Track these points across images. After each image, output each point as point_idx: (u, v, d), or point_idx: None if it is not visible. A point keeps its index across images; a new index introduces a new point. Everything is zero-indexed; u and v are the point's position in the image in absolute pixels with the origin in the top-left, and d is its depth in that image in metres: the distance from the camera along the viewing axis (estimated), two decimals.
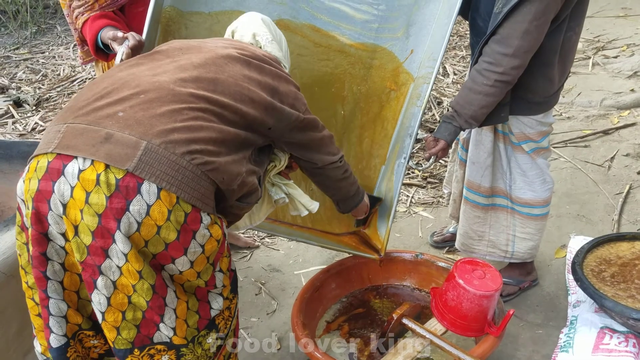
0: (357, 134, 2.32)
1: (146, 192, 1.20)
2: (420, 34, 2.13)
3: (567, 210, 3.05)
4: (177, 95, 1.29)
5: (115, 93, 1.28)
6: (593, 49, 5.18)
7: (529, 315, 2.35)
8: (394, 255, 2.30)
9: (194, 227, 1.26)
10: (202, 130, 1.28)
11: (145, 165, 1.19)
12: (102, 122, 1.23)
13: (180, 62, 1.39)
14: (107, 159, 1.19)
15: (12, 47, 6.01)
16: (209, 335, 1.40)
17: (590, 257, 2.17)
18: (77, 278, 1.32)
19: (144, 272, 1.24)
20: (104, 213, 1.19)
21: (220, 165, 1.30)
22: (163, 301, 1.29)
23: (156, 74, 1.33)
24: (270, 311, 2.49)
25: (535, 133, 2.12)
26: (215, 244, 1.33)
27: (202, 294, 1.39)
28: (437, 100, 4.28)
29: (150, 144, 1.21)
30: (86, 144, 1.20)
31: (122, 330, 1.30)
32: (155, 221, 1.21)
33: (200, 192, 1.26)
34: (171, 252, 1.26)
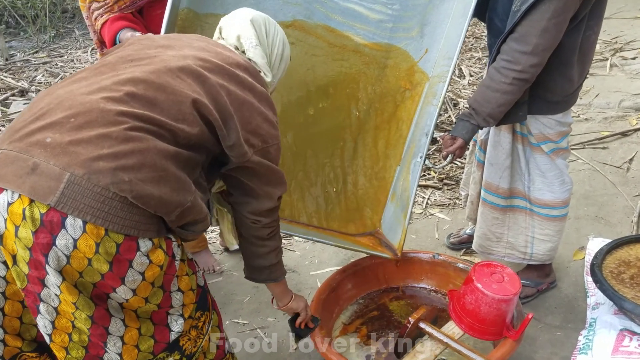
0: (372, 134, 2.32)
1: (71, 226, 1.16)
2: (435, 33, 2.12)
3: (586, 212, 3.02)
4: (106, 117, 1.20)
5: (49, 115, 1.22)
6: (611, 50, 5.14)
7: (548, 317, 2.33)
8: (411, 255, 2.29)
9: (129, 257, 1.22)
10: (133, 156, 1.19)
11: (67, 199, 1.14)
12: (31, 150, 1.17)
13: (121, 77, 1.29)
14: (31, 192, 1.15)
15: (32, 50, 6.10)
16: (170, 356, 1.39)
17: (609, 258, 2.15)
18: (19, 305, 1.32)
19: (79, 304, 1.22)
20: (33, 247, 1.18)
21: (152, 196, 1.20)
22: (104, 330, 1.27)
23: (91, 92, 1.25)
24: None
25: (555, 133, 2.11)
26: (157, 270, 1.28)
27: (160, 317, 1.36)
28: (454, 102, 4.27)
29: (73, 175, 1.15)
30: (14, 175, 1.16)
31: (70, 350, 1.30)
32: (84, 254, 1.18)
33: (133, 220, 1.20)
34: (108, 282, 1.23)
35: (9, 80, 5.17)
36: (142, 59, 1.35)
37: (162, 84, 1.28)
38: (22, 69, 5.56)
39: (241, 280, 2.68)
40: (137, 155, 1.19)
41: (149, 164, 1.20)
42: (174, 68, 1.32)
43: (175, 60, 1.34)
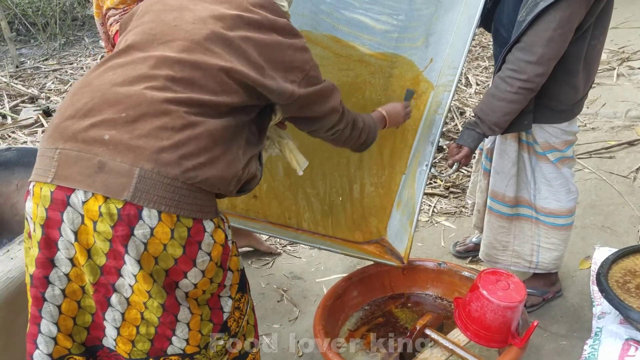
0: (378, 143, 2.33)
1: (147, 217, 1.23)
2: (440, 43, 2.14)
3: (592, 221, 3.02)
4: (156, 107, 1.25)
5: (98, 112, 1.26)
6: (618, 60, 5.14)
7: (553, 326, 2.33)
8: (417, 263, 2.30)
9: (199, 239, 1.30)
10: (190, 143, 1.26)
11: (141, 192, 1.21)
12: (93, 149, 1.22)
13: (154, 60, 1.31)
14: (104, 190, 1.21)
15: (42, 58, 6.16)
16: (221, 338, 1.45)
17: (615, 268, 2.15)
18: (75, 305, 1.35)
19: (153, 292, 1.29)
20: (113, 239, 1.24)
21: (215, 178, 1.29)
22: (174, 317, 1.33)
23: (131, 82, 1.29)
24: (292, 318, 2.50)
25: (560, 142, 2.12)
26: (220, 249, 1.36)
27: (214, 301, 1.42)
28: (460, 111, 4.28)
29: (142, 170, 1.21)
30: (82, 175, 1.22)
31: (137, 343, 1.35)
32: (160, 240, 1.25)
33: (198, 204, 1.28)
34: (181, 266, 1.30)
35: (19, 87, 5.23)
36: (165, 34, 1.36)
37: (195, 61, 1.31)
38: (32, 76, 5.63)
39: None
40: (193, 141, 1.26)
41: (204, 147, 1.27)
42: (200, 40, 1.34)
43: (197, 29, 1.35)
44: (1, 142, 4.24)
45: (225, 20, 1.37)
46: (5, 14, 5.95)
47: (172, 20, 1.38)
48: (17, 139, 4.29)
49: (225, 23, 1.37)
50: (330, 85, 1.58)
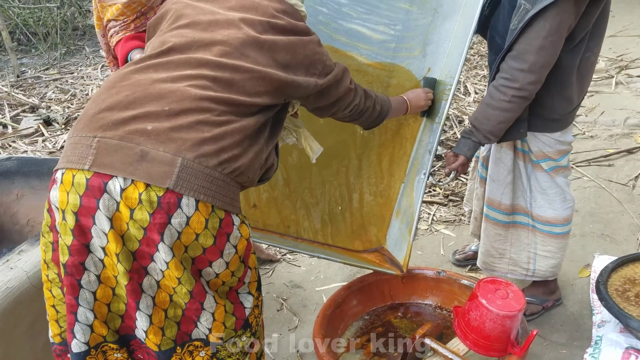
0: (377, 152, 2.35)
1: (186, 206, 1.28)
2: (437, 53, 2.16)
3: (591, 229, 3.02)
4: (198, 104, 1.33)
5: (139, 105, 1.31)
6: (616, 67, 5.16)
7: (553, 335, 2.33)
8: (416, 272, 2.30)
9: (228, 230, 1.36)
10: (227, 137, 1.34)
11: (183, 181, 1.26)
12: (134, 138, 1.27)
13: (196, 61, 1.40)
14: (147, 178, 1.25)
15: (42, 67, 6.18)
16: (244, 334, 1.48)
17: (615, 276, 2.15)
18: (110, 292, 1.37)
19: (183, 279, 1.32)
20: (149, 227, 1.27)
21: (245, 167, 1.38)
22: (200, 305, 1.37)
23: (175, 79, 1.36)
24: (292, 327, 2.50)
25: (554, 152, 2.12)
26: (245, 243, 1.42)
27: (234, 296, 1.47)
28: (459, 119, 4.29)
29: (185, 160, 1.27)
30: (123, 163, 1.25)
31: (166, 329, 1.39)
32: (194, 230, 1.30)
33: (230, 197, 1.36)
34: (209, 256, 1.35)
35: (20, 96, 5.24)
36: (204, 38, 1.43)
37: (234, 64, 1.40)
38: (33, 86, 5.64)
39: None
40: (229, 136, 1.34)
41: (238, 141, 1.36)
42: (237, 45, 1.42)
43: (233, 34, 1.44)
44: (1, 151, 4.25)
45: (255, 25, 1.48)
46: (6, 24, 5.98)
47: (207, 24, 1.47)
48: (17, 148, 4.30)
49: (255, 28, 1.47)
50: (342, 67, 1.68)
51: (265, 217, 2.37)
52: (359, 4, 2.17)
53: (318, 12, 2.18)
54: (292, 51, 1.51)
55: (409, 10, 2.17)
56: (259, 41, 1.45)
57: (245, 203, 2.35)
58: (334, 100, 1.69)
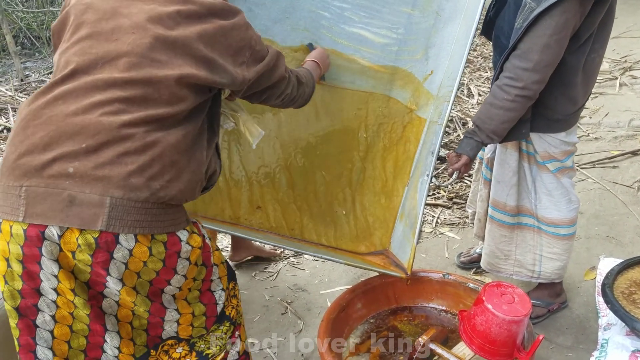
0: (381, 155, 2.35)
1: (124, 241, 1.26)
2: (440, 56, 2.16)
3: (596, 231, 3.01)
4: (115, 133, 1.25)
5: (56, 145, 1.25)
6: (620, 69, 5.14)
7: (559, 338, 2.32)
8: (421, 275, 2.29)
9: (176, 249, 1.34)
10: (155, 164, 1.27)
11: (115, 220, 1.24)
12: (60, 183, 1.23)
13: (103, 82, 1.29)
14: (79, 223, 1.23)
15: (46, 71, 6.20)
16: (220, 327, 1.51)
17: (621, 279, 2.14)
18: (67, 330, 1.36)
19: (137, 302, 1.34)
20: (93, 265, 1.27)
21: (182, 191, 1.32)
22: (161, 319, 1.40)
23: (85, 110, 1.27)
24: (297, 331, 2.49)
25: (559, 152, 2.12)
26: (198, 252, 1.40)
27: (208, 297, 1.48)
28: (462, 121, 4.29)
29: (113, 199, 1.23)
30: (53, 210, 1.23)
31: (135, 338, 1.40)
32: (140, 259, 1.29)
33: (170, 219, 1.32)
34: (163, 276, 1.34)
35: (24, 100, 5.25)
36: (109, 52, 1.31)
37: (145, 77, 1.29)
38: (36, 89, 5.65)
39: (251, 299, 2.69)
40: (157, 161, 1.27)
41: (169, 164, 1.29)
42: (144, 52, 1.31)
43: (139, 40, 1.31)
44: None
45: (164, 20, 1.34)
46: (10, 28, 5.99)
47: (110, 32, 1.33)
48: None
49: (164, 24, 1.33)
50: (275, 53, 1.57)
51: (269, 219, 2.37)
52: (361, 8, 2.18)
53: (321, 16, 2.18)
54: (212, 42, 1.37)
55: (410, 14, 2.18)
56: (170, 40, 1.32)
57: (249, 204, 2.35)
58: (264, 88, 1.59)
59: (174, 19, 1.34)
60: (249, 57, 1.46)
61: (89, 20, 1.35)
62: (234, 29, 1.42)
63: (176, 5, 1.36)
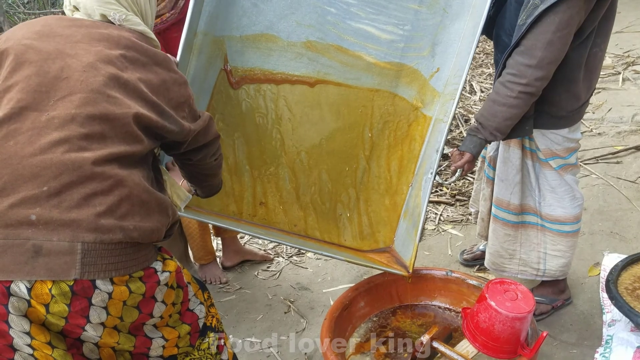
0: (386, 153, 2.34)
1: (102, 285, 1.21)
2: (446, 53, 2.15)
3: (600, 227, 3.00)
4: (79, 173, 1.19)
5: (12, 190, 1.16)
6: (623, 64, 5.12)
7: (563, 335, 2.31)
8: (424, 272, 2.28)
9: (155, 280, 1.32)
10: (123, 204, 1.23)
11: (89, 266, 1.18)
12: (21, 233, 1.14)
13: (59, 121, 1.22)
14: (49, 275, 1.15)
15: None
16: (205, 338, 1.51)
17: (625, 275, 2.13)
18: None
19: (121, 340, 1.32)
20: (70, 315, 1.20)
21: (152, 229, 1.28)
22: (147, 349, 1.39)
23: (43, 149, 1.19)
24: (300, 329, 2.49)
25: (562, 149, 2.11)
26: (173, 276, 1.37)
27: (190, 315, 1.47)
28: (465, 118, 4.27)
29: (85, 244, 1.17)
30: (17, 264, 1.14)
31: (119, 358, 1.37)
32: (120, 299, 1.25)
33: (143, 255, 1.29)
34: (145, 310, 1.31)
35: None
36: (60, 88, 1.26)
37: (102, 113, 1.25)
38: None
39: (254, 299, 2.69)
40: (125, 201, 1.24)
41: (137, 203, 1.26)
42: (99, 88, 1.27)
43: (92, 77, 1.27)
44: None
45: (113, 61, 1.32)
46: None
47: (59, 71, 1.27)
48: None
49: (115, 65, 1.32)
50: (207, 115, 1.59)
51: (272, 215, 2.38)
52: (368, 4, 2.17)
53: (326, 12, 2.17)
54: (156, 91, 1.37)
55: (418, 11, 2.17)
56: (122, 80, 1.30)
57: (253, 200, 2.36)
58: (201, 145, 1.57)
59: (121, 62, 1.33)
60: (187, 114, 1.47)
61: (33, 59, 1.28)
62: (175, 83, 1.42)
63: (121, 50, 1.34)
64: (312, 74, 2.21)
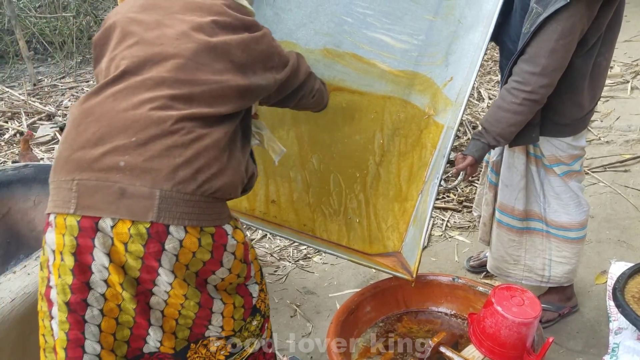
0: (396, 161, 2.35)
1: (175, 232, 1.32)
2: (460, 62, 2.16)
3: (607, 235, 2.99)
4: (163, 127, 1.32)
5: (108, 140, 1.32)
6: (632, 72, 5.11)
7: (569, 342, 2.31)
8: (430, 278, 2.29)
9: (223, 242, 1.41)
10: (201, 157, 1.34)
11: (165, 212, 1.30)
12: (111, 177, 1.29)
13: (152, 81, 1.38)
14: (130, 215, 1.29)
15: (58, 76, 6.26)
16: (253, 319, 1.58)
17: (632, 283, 2.12)
18: (114, 322, 1.40)
19: (189, 294, 1.40)
20: (145, 256, 1.33)
21: (226, 185, 1.39)
22: (209, 311, 1.45)
23: (135, 106, 1.35)
24: (306, 334, 2.50)
25: (567, 156, 2.11)
26: (242, 247, 1.47)
27: (243, 289, 1.55)
28: (472, 125, 4.28)
29: (162, 191, 1.29)
30: (105, 202, 1.29)
31: (178, 333, 1.46)
32: (190, 249, 1.35)
33: (216, 212, 1.39)
34: (210, 267, 1.41)
35: (36, 104, 5.31)
36: (156, 55, 1.41)
37: (191, 79, 1.39)
38: (49, 94, 5.71)
39: None
40: (202, 155, 1.35)
41: (213, 158, 1.36)
42: (190, 55, 1.41)
43: (184, 45, 1.42)
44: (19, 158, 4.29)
45: (204, 28, 1.45)
46: (23, 34, 6.06)
47: (156, 39, 1.43)
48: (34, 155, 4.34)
49: (205, 31, 1.45)
50: (295, 55, 1.70)
51: (283, 214, 2.41)
52: (384, 14, 2.20)
53: (343, 21, 2.21)
54: (247, 49, 1.50)
55: (432, 21, 2.19)
56: (211, 45, 1.44)
57: (265, 198, 2.39)
58: (296, 87, 1.71)
59: (212, 28, 1.46)
60: (277, 62, 1.60)
61: (136, 30, 1.46)
62: (263, 37, 1.56)
63: (213, 16, 1.48)
64: (328, 80, 2.24)
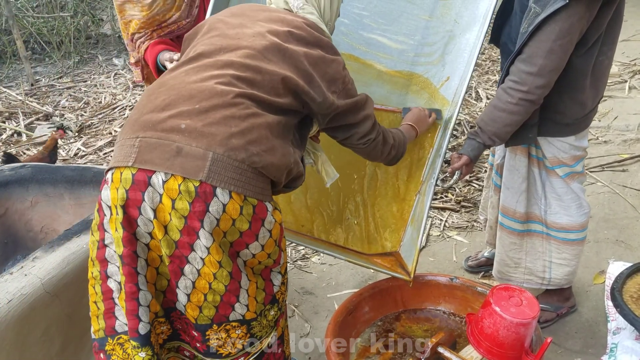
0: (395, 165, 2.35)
1: (220, 195, 1.39)
2: (456, 62, 2.16)
3: (606, 235, 2.99)
4: (225, 99, 1.43)
5: (174, 106, 1.43)
6: (629, 72, 5.12)
7: (568, 342, 2.31)
8: (428, 278, 2.28)
9: (262, 216, 1.47)
10: (254, 131, 1.43)
11: (214, 174, 1.37)
12: (171, 136, 1.39)
13: (221, 63, 1.51)
14: (182, 172, 1.37)
15: (56, 76, 6.25)
16: (272, 308, 1.60)
17: (630, 283, 2.12)
18: (154, 271, 1.49)
19: (223, 262, 1.44)
20: (189, 215, 1.39)
21: (272, 164, 1.45)
22: (238, 284, 1.49)
23: (203, 79, 1.47)
24: (304, 334, 2.50)
25: (569, 157, 2.11)
26: (279, 227, 1.53)
27: (267, 274, 1.58)
28: (470, 125, 4.28)
29: (215, 154, 1.38)
30: (161, 158, 1.38)
31: (203, 309, 1.49)
32: (231, 215, 1.41)
33: (260, 187, 1.45)
34: (245, 239, 1.46)
35: (34, 104, 5.30)
36: (230, 44, 1.56)
37: (257, 66, 1.50)
38: (46, 94, 5.70)
39: None
40: (255, 130, 1.43)
41: (264, 136, 1.45)
42: (260, 49, 1.53)
43: (257, 41, 1.55)
44: None
45: (280, 35, 1.58)
46: (20, 33, 6.05)
47: (234, 34, 1.59)
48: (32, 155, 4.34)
49: (280, 37, 1.57)
50: (364, 96, 1.75)
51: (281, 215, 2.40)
52: (380, 15, 2.21)
53: (340, 23, 2.21)
54: (314, 64, 1.58)
55: (428, 21, 2.20)
56: (281, 48, 1.55)
57: None
58: (351, 123, 1.73)
59: (286, 37, 1.58)
60: (341, 89, 1.65)
61: (220, 27, 1.64)
62: (333, 62, 1.63)
63: (290, 28, 1.60)
64: None
